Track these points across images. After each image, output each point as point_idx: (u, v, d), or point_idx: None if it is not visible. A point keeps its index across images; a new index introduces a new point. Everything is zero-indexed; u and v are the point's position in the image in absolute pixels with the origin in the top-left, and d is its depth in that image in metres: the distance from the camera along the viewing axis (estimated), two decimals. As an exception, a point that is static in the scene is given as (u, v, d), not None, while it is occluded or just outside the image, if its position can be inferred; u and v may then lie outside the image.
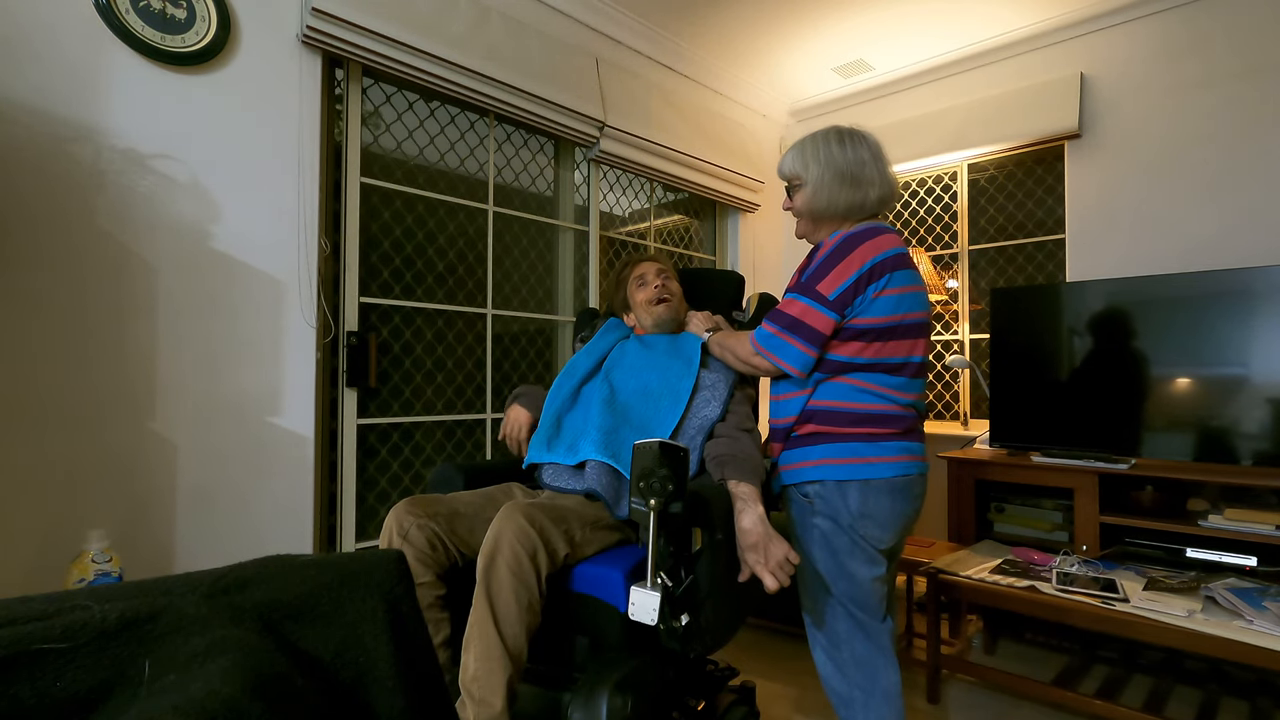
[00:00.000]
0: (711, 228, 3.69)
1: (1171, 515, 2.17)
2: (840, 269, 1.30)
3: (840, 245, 1.32)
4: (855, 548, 1.34)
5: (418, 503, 1.37)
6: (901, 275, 1.32)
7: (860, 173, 1.38)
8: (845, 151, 1.39)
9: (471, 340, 2.55)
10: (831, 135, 1.42)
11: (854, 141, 1.41)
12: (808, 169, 1.41)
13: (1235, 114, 2.58)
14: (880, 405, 1.34)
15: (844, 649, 1.37)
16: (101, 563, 1.43)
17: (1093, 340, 2.44)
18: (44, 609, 0.55)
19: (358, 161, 2.18)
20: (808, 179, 1.41)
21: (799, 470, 1.40)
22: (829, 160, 1.39)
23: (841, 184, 1.38)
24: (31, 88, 1.57)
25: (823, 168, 1.39)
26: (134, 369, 1.70)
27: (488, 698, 1.17)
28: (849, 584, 1.35)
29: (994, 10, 2.89)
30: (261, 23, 1.92)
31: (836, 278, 1.30)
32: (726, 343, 1.54)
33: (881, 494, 1.33)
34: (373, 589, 0.76)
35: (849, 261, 1.30)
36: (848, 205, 1.39)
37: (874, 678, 1.34)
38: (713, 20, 2.98)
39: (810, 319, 1.31)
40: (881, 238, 1.33)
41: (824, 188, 1.39)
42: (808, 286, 1.33)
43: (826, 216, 1.42)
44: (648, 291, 1.76)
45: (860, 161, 1.38)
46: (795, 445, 1.41)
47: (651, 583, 1.17)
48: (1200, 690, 2.06)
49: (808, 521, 1.39)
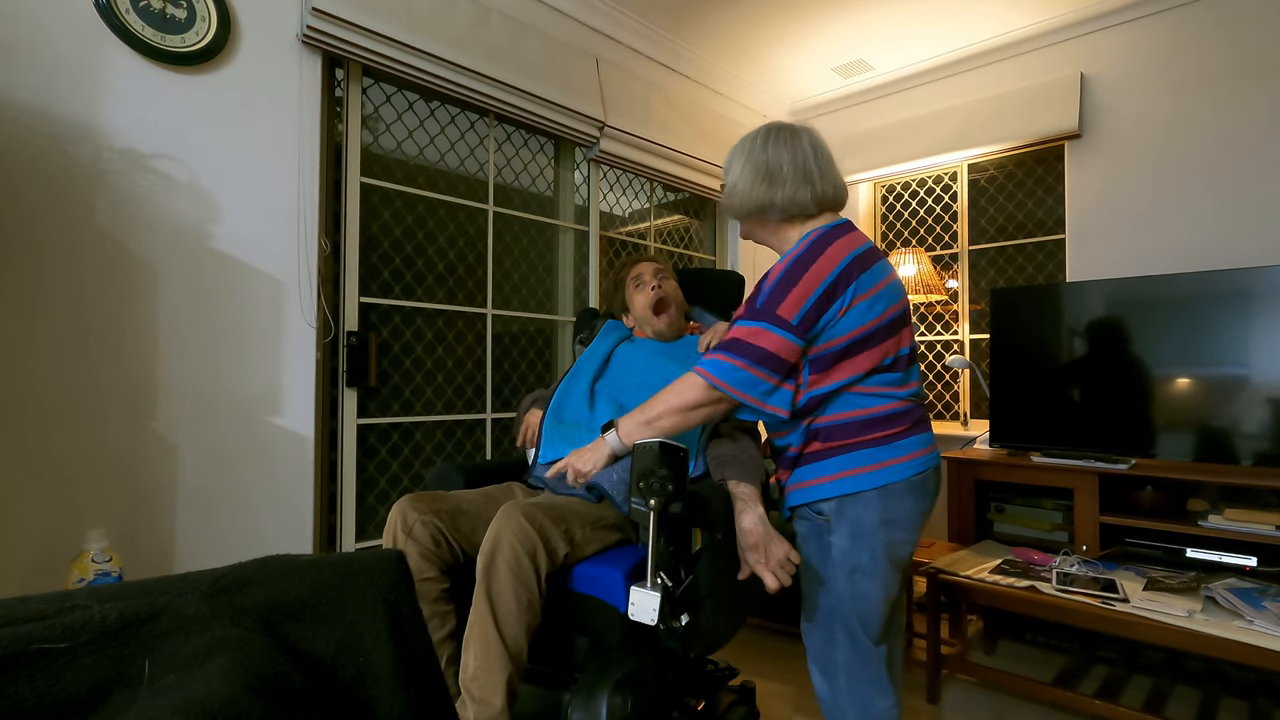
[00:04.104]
0: (711, 228, 3.69)
1: (1171, 515, 2.17)
2: (798, 291, 1.22)
3: (791, 267, 1.25)
4: (876, 564, 1.27)
5: (421, 499, 1.37)
6: (866, 278, 1.24)
7: (775, 174, 1.32)
8: (766, 152, 1.34)
9: (471, 340, 2.55)
10: (760, 134, 1.37)
11: (779, 141, 1.34)
12: (730, 169, 1.39)
13: (1236, 114, 2.58)
14: (885, 405, 1.29)
15: (841, 675, 1.32)
16: (101, 562, 1.43)
17: (1093, 340, 2.44)
18: (44, 609, 0.55)
19: (358, 161, 2.18)
20: (728, 179, 1.39)
21: (811, 489, 1.32)
22: (749, 158, 1.35)
23: (754, 183, 1.34)
24: (31, 87, 1.57)
25: (742, 165, 1.36)
26: (134, 368, 1.70)
27: (488, 697, 1.17)
28: (861, 606, 1.28)
29: (994, 10, 2.89)
30: (261, 22, 1.92)
31: (796, 301, 1.22)
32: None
33: (903, 496, 1.28)
34: (373, 589, 0.76)
35: (805, 283, 1.22)
36: (756, 205, 1.34)
37: (868, 705, 1.31)
38: (713, 20, 2.98)
39: (777, 349, 1.22)
40: (834, 247, 1.24)
41: (739, 188, 1.36)
42: (766, 311, 1.23)
43: (744, 215, 1.39)
44: (645, 294, 1.76)
45: (778, 162, 1.33)
46: (804, 463, 1.33)
47: (651, 583, 1.17)
48: (1200, 690, 2.06)
49: (823, 541, 1.31)
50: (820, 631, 1.35)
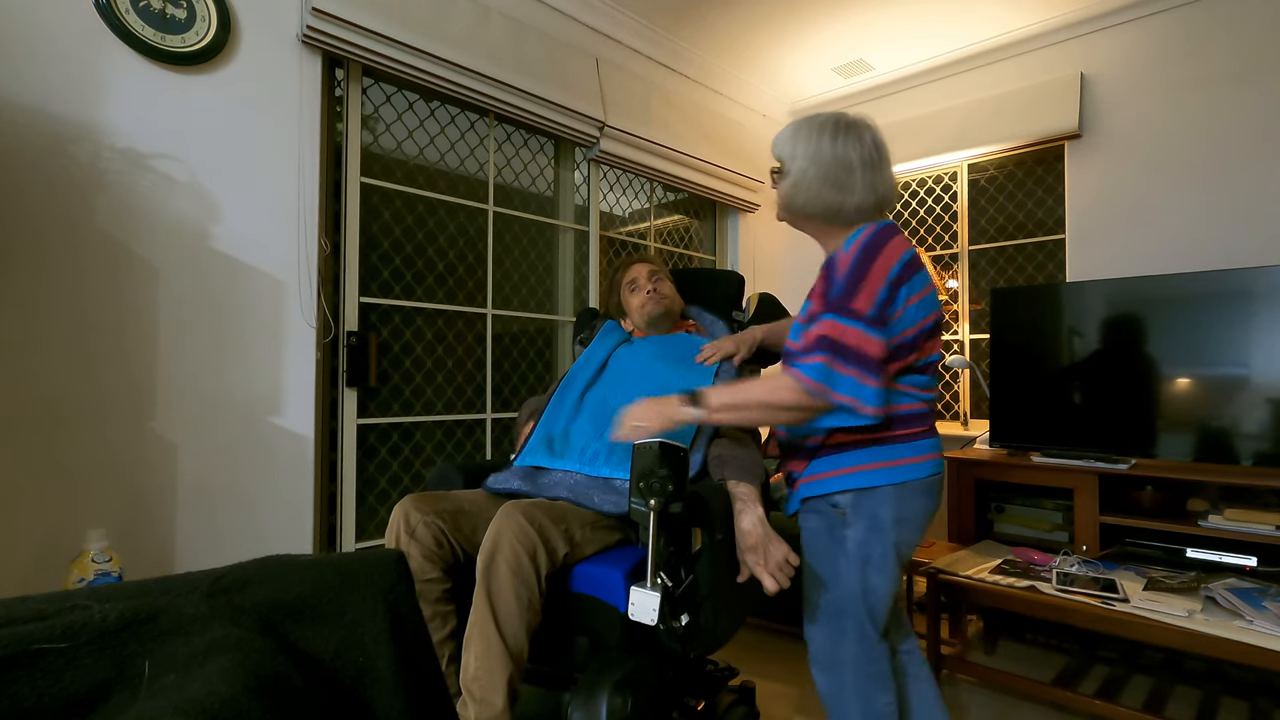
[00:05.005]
0: (711, 228, 3.69)
1: (1171, 515, 2.17)
2: (870, 284, 1.19)
3: (861, 259, 1.20)
4: (885, 559, 1.26)
5: (424, 499, 1.37)
6: (916, 280, 1.24)
7: (847, 175, 1.27)
8: (835, 148, 1.28)
9: (471, 340, 2.55)
10: (828, 126, 1.30)
11: (848, 138, 1.28)
12: (794, 158, 1.31)
13: (1235, 114, 2.58)
14: (910, 405, 1.29)
15: (848, 670, 1.31)
16: (101, 563, 1.43)
17: (1092, 340, 2.43)
18: (44, 609, 0.55)
19: (358, 161, 2.18)
20: (789, 170, 1.32)
21: (829, 480, 1.29)
22: (815, 154, 1.28)
23: (825, 183, 1.28)
24: (31, 87, 1.57)
25: (808, 162, 1.29)
26: (134, 368, 1.70)
27: (488, 697, 1.17)
28: (870, 600, 1.28)
29: (994, 10, 2.89)
30: (261, 23, 1.92)
31: (870, 294, 1.18)
32: (744, 398, 1.28)
33: (915, 495, 1.28)
34: (373, 589, 0.76)
35: (875, 277, 1.19)
36: (825, 208, 1.30)
37: (872, 700, 1.31)
38: (713, 20, 2.98)
39: (869, 347, 1.17)
40: (892, 245, 1.23)
41: (804, 184, 1.30)
42: (847, 308, 1.18)
43: (803, 215, 1.34)
44: (640, 297, 1.76)
45: (847, 163, 1.27)
46: (825, 454, 1.31)
47: (651, 583, 1.17)
48: (1200, 690, 2.05)
49: (836, 534, 1.29)
50: (826, 628, 1.34)
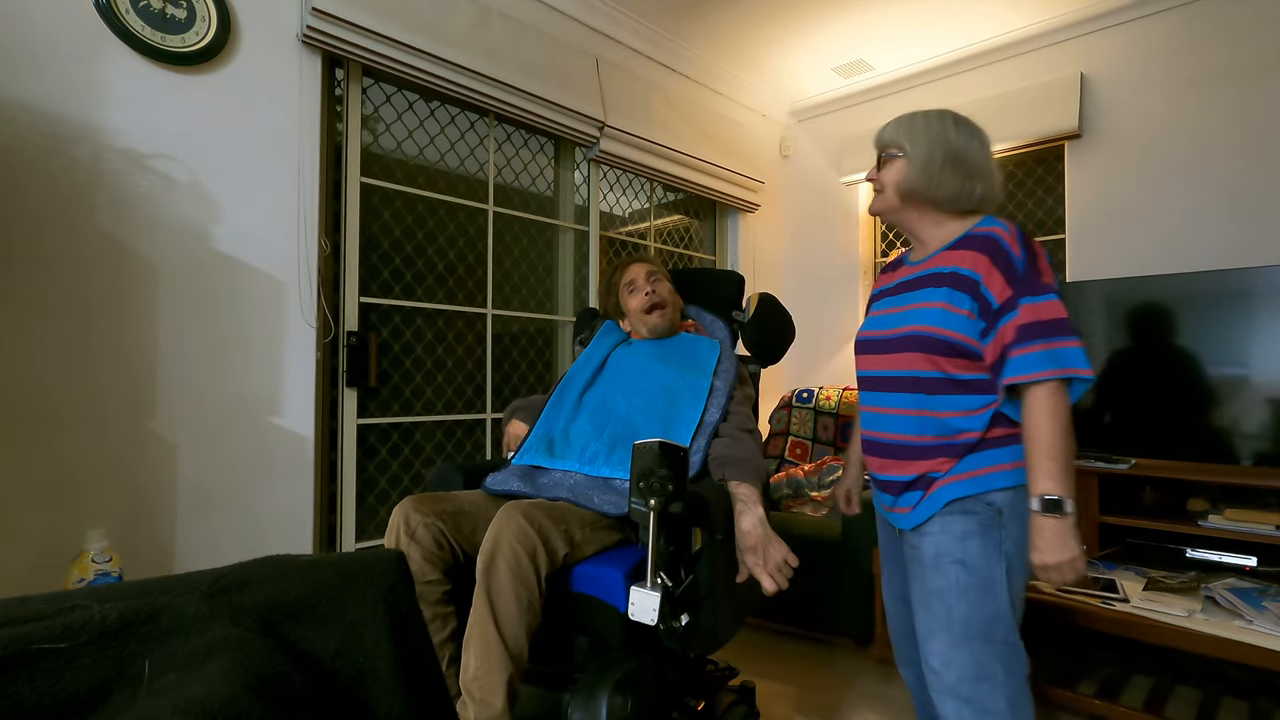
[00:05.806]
0: (711, 228, 3.69)
1: (1171, 515, 2.17)
2: (1042, 257, 1.18)
3: (1023, 238, 1.18)
4: (1028, 564, 1.14)
5: (424, 500, 1.37)
6: None
7: (973, 160, 1.23)
8: (960, 135, 1.24)
9: (471, 340, 2.55)
10: (948, 116, 1.26)
11: (970, 129, 1.26)
12: (915, 142, 1.25)
13: (1235, 114, 2.58)
14: None
15: (1001, 693, 1.14)
16: (101, 563, 1.43)
17: (1092, 340, 2.43)
18: (44, 609, 0.55)
19: (358, 161, 2.18)
20: (912, 153, 1.25)
21: (987, 476, 1.16)
22: (941, 138, 1.24)
23: (952, 168, 1.22)
24: (31, 87, 1.57)
25: (933, 145, 1.23)
26: (134, 368, 1.70)
27: (488, 697, 1.17)
28: (1019, 609, 1.18)
29: (994, 10, 2.89)
30: (261, 23, 1.92)
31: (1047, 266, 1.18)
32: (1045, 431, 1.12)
33: None
34: (373, 589, 0.76)
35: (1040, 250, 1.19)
36: (949, 193, 1.24)
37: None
38: (713, 20, 2.98)
39: (1063, 312, 1.17)
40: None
41: (931, 167, 1.23)
42: (1040, 284, 1.16)
43: (920, 199, 1.26)
44: (638, 298, 1.76)
45: (973, 149, 1.24)
46: (983, 449, 1.18)
47: (651, 583, 1.17)
48: (1200, 690, 2.05)
49: (992, 536, 1.15)
50: (974, 648, 1.15)
